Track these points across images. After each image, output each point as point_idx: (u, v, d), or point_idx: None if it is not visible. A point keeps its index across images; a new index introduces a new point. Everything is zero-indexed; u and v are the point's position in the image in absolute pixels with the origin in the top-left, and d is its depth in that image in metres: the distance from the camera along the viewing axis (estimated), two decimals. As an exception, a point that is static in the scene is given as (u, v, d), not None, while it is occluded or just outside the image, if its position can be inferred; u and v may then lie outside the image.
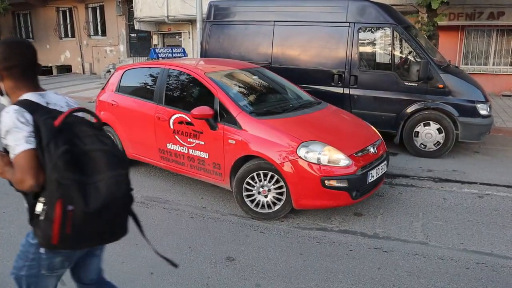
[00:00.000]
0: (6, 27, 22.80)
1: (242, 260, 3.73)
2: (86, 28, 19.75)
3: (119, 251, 3.90)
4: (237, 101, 4.79)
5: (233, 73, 5.76)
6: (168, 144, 5.28)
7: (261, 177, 4.44)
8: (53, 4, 20.33)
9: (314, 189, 4.21)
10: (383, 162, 4.73)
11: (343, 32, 6.92)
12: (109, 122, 6.00)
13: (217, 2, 8.43)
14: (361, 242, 4.04)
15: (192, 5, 13.41)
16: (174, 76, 5.50)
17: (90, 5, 19.54)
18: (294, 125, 4.65)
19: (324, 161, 4.20)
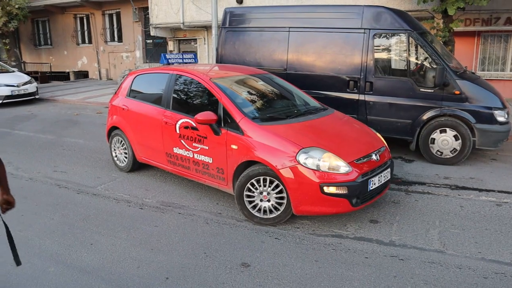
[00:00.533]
0: (25, 33, 23.28)
1: (257, 266, 3.75)
2: (103, 35, 20.04)
3: (134, 256, 3.95)
4: (241, 107, 4.84)
5: (240, 79, 5.80)
6: (174, 148, 5.41)
7: (262, 183, 4.48)
8: (71, 11, 20.69)
9: (313, 195, 4.20)
10: (386, 170, 4.69)
11: (358, 38, 6.92)
12: (120, 126, 6.29)
13: (232, 9, 8.50)
14: (377, 249, 4.02)
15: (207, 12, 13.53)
16: (181, 81, 5.59)
17: (107, 12, 19.84)
18: (296, 132, 4.65)
19: (323, 167, 4.20)
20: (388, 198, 5.26)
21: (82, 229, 4.53)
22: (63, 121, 10.84)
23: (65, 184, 5.96)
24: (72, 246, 4.15)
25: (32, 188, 5.85)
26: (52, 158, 7.29)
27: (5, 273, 3.68)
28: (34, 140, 8.76)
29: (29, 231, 4.52)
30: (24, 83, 13.85)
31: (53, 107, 13.32)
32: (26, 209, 5.10)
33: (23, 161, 7.17)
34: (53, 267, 3.77)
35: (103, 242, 4.22)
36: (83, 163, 6.94)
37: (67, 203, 5.26)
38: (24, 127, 10.11)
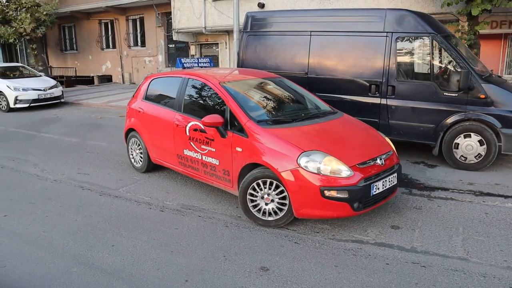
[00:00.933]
0: (52, 39, 23.87)
1: (277, 270, 3.73)
2: (126, 39, 20.39)
3: (154, 257, 3.99)
4: (246, 110, 4.90)
5: (250, 83, 5.90)
6: (184, 150, 5.55)
7: (265, 185, 4.51)
8: (96, 17, 21.13)
9: (313, 199, 4.19)
10: (392, 174, 4.63)
11: (380, 42, 6.84)
12: (136, 128, 6.54)
13: (254, 13, 8.53)
14: (398, 255, 3.95)
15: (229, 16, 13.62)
16: (192, 85, 5.71)
17: (130, 17, 20.18)
18: (300, 135, 4.64)
19: (324, 171, 4.19)
20: (410, 204, 5.17)
21: (104, 231, 4.60)
22: (87, 124, 11.06)
23: (88, 186, 6.07)
24: (94, 247, 4.22)
25: (57, 189, 5.98)
26: (76, 161, 7.44)
27: (30, 272, 3.77)
28: (59, 142, 8.96)
29: (53, 231, 4.61)
30: (50, 87, 14.19)
31: (78, 111, 13.60)
32: (50, 210, 5.22)
33: (49, 163, 7.34)
34: (76, 268, 3.84)
35: (124, 244, 4.28)
36: (105, 166, 7.06)
37: (90, 205, 5.36)
38: (49, 130, 10.35)
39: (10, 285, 3.58)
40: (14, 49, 26.60)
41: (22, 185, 6.17)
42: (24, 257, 4.06)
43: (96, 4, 19.25)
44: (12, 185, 6.20)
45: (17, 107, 13.44)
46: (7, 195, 5.78)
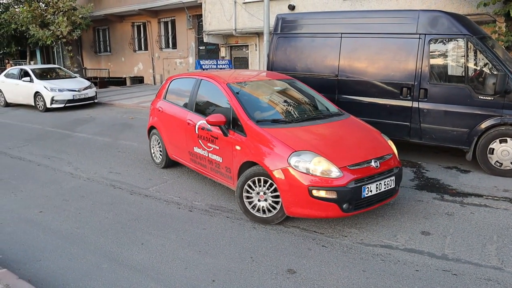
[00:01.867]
0: (87, 41, 24.56)
1: (304, 273, 3.71)
2: (158, 41, 20.75)
3: (182, 257, 4.04)
4: (248, 110, 5.06)
5: (258, 84, 6.07)
6: (194, 148, 5.83)
7: (260, 183, 4.65)
8: (129, 19, 21.59)
9: (302, 198, 4.27)
10: (389, 177, 4.59)
11: (413, 44, 6.71)
12: (156, 126, 6.91)
13: (284, 15, 8.53)
14: (428, 262, 3.86)
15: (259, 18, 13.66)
16: (204, 85, 5.96)
17: (162, 20, 20.52)
18: (295, 135, 4.73)
19: (313, 171, 4.26)
20: (442, 210, 5.05)
21: (134, 229, 4.69)
22: (119, 125, 11.31)
23: (119, 185, 6.21)
24: (124, 245, 4.31)
25: (89, 187, 6.14)
26: (108, 160, 7.62)
27: (63, 267, 3.89)
28: (92, 142, 9.20)
29: (86, 228, 4.74)
30: (84, 88, 14.61)
31: (110, 111, 13.93)
32: (83, 207, 5.36)
33: (82, 161, 7.55)
34: (106, 264, 3.93)
35: (153, 242, 4.35)
36: (136, 165, 7.20)
37: (121, 203, 5.48)
38: (83, 130, 10.64)
39: (44, 278, 3.70)
40: (51, 51, 27.53)
41: (57, 183, 6.37)
42: (57, 252, 4.19)
43: (129, 7, 19.68)
44: (47, 182, 6.41)
45: (53, 107, 13.89)
46: (43, 192, 5.98)
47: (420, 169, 6.69)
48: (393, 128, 6.95)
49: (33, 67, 15.50)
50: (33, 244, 4.38)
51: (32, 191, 6.02)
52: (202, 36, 16.77)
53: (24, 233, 4.64)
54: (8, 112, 14.38)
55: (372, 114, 7.10)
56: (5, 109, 15.16)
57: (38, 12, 18.60)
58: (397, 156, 5.00)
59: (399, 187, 5.03)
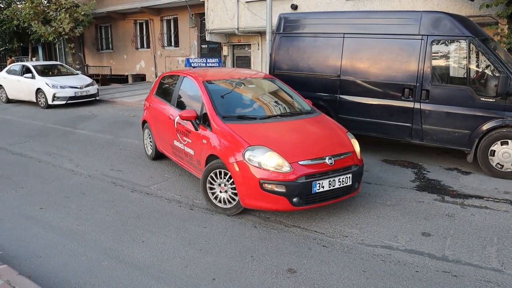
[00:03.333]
0: (89, 38, 24.56)
1: (304, 273, 3.72)
2: (160, 39, 20.74)
3: (183, 255, 4.04)
4: (216, 106, 5.32)
5: (235, 81, 6.22)
6: (174, 141, 6.11)
7: (221, 175, 4.89)
8: (132, 17, 21.58)
9: (254, 190, 4.49)
10: (345, 175, 4.70)
11: (415, 45, 6.71)
12: (147, 120, 7.32)
13: (287, 14, 8.53)
14: (428, 263, 3.87)
15: (262, 17, 13.66)
16: (185, 82, 6.26)
17: (165, 18, 20.51)
18: (255, 131, 4.96)
19: (265, 165, 4.47)
20: (442, 211, 5.05)
21: (134, 226, 4.70)
22: (120, 122, 11.32)
23: (121, 183, 6.21)
24: (124, 242, 4.32)
25: (90, 184, 6.15)
26: (109, 157, 7.62)
27: (63, 263, 3.89)
28: (93, 139, 9.21)
29: (86, 225, 4.75)
30: (86, 85, 14.61)
31: (112, 108, 13.94)
32: (84, 204, 5.37)
33: (83, 158, 7.55)
34: (107, 261, 3.94)
35: (154, 240, 4.36)
36: (137, 163, 7.20)
37: (122, 201, 5.49)
38: (85, 127, 10.65)
39: (45, 275, 3.71)
40: (53, 48, 27.54)
41: (58, 179, 6.38)
42: (58, 248, 4.19)
43: (131, 5, 19.66)
44: (48, 179, 6.42)
45: (55, 104, 13.90)
46: (44, 188, 5.99)
47: (421, 170, 6.69)
48: (394, 129, 6.96)
49: (35, 64, 15.51)
50: (34, 240, 4.39)
51: (33, 188, 6.03)
52: (205, 35, 16.76)
53: (24, 230, 4.65)
54: (9, 109, 14.39)
55: (373, 115, 7.11)
56: (7, 105, 15.17)
57: (40, 9, 18.60)
58: (359, 154, 5.10)
59: (359, 184, 5.11)
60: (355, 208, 5.16)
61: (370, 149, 7.96)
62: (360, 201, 5.39)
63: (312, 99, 7.72)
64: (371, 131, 7.29)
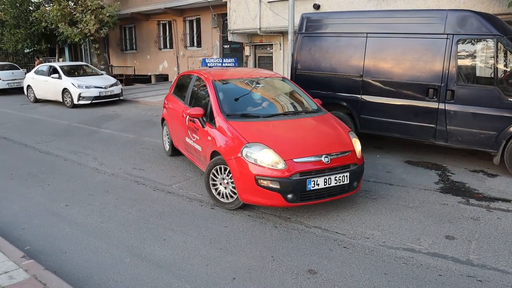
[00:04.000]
0: (113, 39, 24.97)
1: (324, 274, 3.70)
2: (183, 40, 20.93)
3: (204, 254, 4.07)
4: (222, 104, 5.50)
5: (243, 80, 6.39)
6: (186, 138, 6.34)
7: (222, 171, 5.07)
8: (155, 18, 21.85)
9: (250, 186, 4.65)
10: (341, 173, 4.76)
11: (440, 44, 6.58)
12: (165, 118, 7.62)
13: (309, 14, 8.49)
14: (452, 267, 3.79)
15: (284, 17, 13.63)
16: (197, 81, 6.48)
17: (187, 18, 20.69)
18: (255, 129, 5.09)
19: (261, 162, 4.61)
20: (467, 214, 4.94)
21: (156, 225, 4.76)
22: (143, 122, 11.47)
23: (143, 181, 6.30)
24: (146, 240, 4.37)
25: (114, 183, 6.26)
26: (132, 156, 7.74)
27: (87, 259, 3.97)
28: (117, 138, 9.37)
29: (109, 223, 4.83)
30: (110, 85, 14.87)
31: (135, 108, 14.14)
32: (107, 202, 5.47)
33: (107, 157, 7.69)
34: (129, 259, 4.00)
35: (175, 239, 4.40)
36: (159, 162, 7.29)
37: (144, 199, 5.56)
38: (109, 126, 10.84)
39: (69, 270, 3.79)
40: (79, 49, 28.12)
41: (83, 177, 6.51)
42: (82, 245, 4.28)
43: (155, 6, 19.90)
44: (73, 177, 6.56)
45: (80, 104, 14.19)
46: (69, 186, 6.12)
47: (445, 172, 6.57)
48: (418, 130, 6.85)
49: (62, 64, 15.87)
50: (59, 236, 4.49)
51: (59, 185, 6.17)
52: (227, 35, 16.83)
53: (50, 226, 4.77)
54: (37, 108, 14.77)
55: (396, 116, 7.01)
56: (35, 105, 15.57)
57: (67, 11, 19.03)
58: (359, 153, 5.12)
59: (359, 183, 5.13)
60: (377, 209, 5.11)
61: (392, 150, 7.87)
62: (382, 202, 5.32)
63: (334, 99, 7.72)
64: (394, 132, 7.19)
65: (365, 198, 5.47)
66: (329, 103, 7.87)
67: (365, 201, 5.37)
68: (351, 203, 5.29)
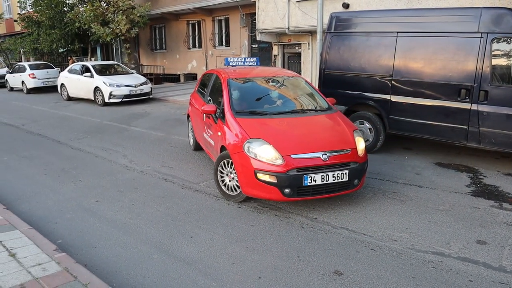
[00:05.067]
0: (144, 39, 25.40)
1: (351, 275, 3.66)
2: (212, 39, 21.09)
3: (230, 252, 4.10)
4: (233, 102, 5.73)
5: (258, 79, 6.58)
6: (203, 133, 6.66)
7: (228, 165, 5.31)
8: (184, 18, 22.09)
9: (251, 179, 4.86)
10: (339, 171, 4.85)
11: (473, 43, 6.40)
12: (190, 115, 8.00)
13: (338, 13, 8.41)
14: (483, 273, 3.69)
15: (313, 17, 13.56)
16: (216, 80, 6.66)
17: (216, 18, 20.84)
18: (260, 125, 5.28)
19: (260, 156, 4.80)
20: (500, 219, 4.80)
21: (183, 222, 4.82)
22: (172, 120, 11.63)
23: (171, 179, 6.39)
24: (174, 237, 4.44)
25: (143, 180, 6.37)
26: (161, 154, 7.86)
27: (116, 254, 4.06)
28: (146, 136, 9.53)
29: (138, 219, 4.93)
30: (140, 84, 15.14)
31: (164, 107, 14.35)
32: (136, 199, 5.57)
33: (136, 155, 7.84)
34: (157, 255, 4.07)
35: (202, 236, 4.45)
36: (187, 160, 7.38)
37: (172, 197, 5.64)
38: (138, 124, 11.04)
39: (99, 264, 3.89)
40: (110, 48, 28.71)
41: (112, 174, 6.66)
42: (112, 240, 4.38)
43: (184, 6, 20.12)
44: (103, 173, 6.71)
45: (111, 102, 14.51)
46: (100, 182, 6.27)
47: (477, 174, 6.39)
48: (449, 131, 6.68)
49: (94, 63, 16.27)
50: (90, 231, 4.61)
51: (90, 181, 6.33)
52: (255, 34, 16.85)
53: (81, 221, 4.90)
54: (70, 106, 15.19)
55: (427, 117, 6.86)
56: (68, 103, 16.02)
57: (99, 11, 19.47)
58: (361, 152, 5.16)
59: (360, 181, 5.17)
60: (406, 212, 5.02)
61: (422, 151, 7.71)
62: (411, 205, 5.23)
63: (363, 99, 7.63)
64: (424, 133, 7.04)
65: (393, 200, 5.39)
66: (358, 103, 7.79)
67: (393, 203, 5.29)
68: (378, 205, 5.22)
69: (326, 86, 8.16)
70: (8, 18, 33.53)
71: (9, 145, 8.92)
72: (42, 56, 29.53)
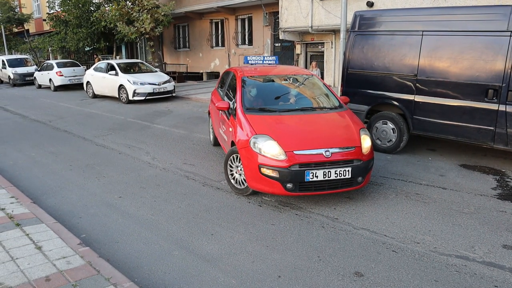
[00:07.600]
0: (168, 37, 25.66)
1: (371, 277, 3.62)
2: (234, 38, 21.15)
3: (250, 250, 4.11)
4: (244, 99, 5.92)
5: (272, 77, 6.77)
6: (219, 129, 6.91)
7: (237, 159, 5.48)
8: (208, 16, 22.23)
9: (255, 173, 5.05)
10: (342, 168, 4.92)
11: (502, 42, 6.24)
12: (210, 111, 8.19)
13: (362, 12, 8.31)
14: (509, 279, 3.59)
15: (336, 15, 13.45)
16: (233, 78, 6.81)
17: (239, 17, 20.89)
18: (267, 122, 5.40)
19: (264, 152, 4.97)
20: (528, 223, 4.67)
21: (204, 219, 4.85)
22: (194, 118, 11.72)
23: (193, 176, 6.44)
24: (194, 234, 4.47)
25: (165, 177, 6.44)
26: (183, 151, 7.93)
27: (138, 250, 4.12)
28: (168, 133, 9.63)
29: (160, 215, 4.99)
30: (164, 82, 15.31)
31: (187, 105, 14.47)
32: (158, 196, 5.64)
33: (159, 152, 7.93)
34: (177, 251, 4.11)
35: (223, 234, 4.47)
36: (209, 158, 7.42)
37: (194, 194, 5.69)
38: (161, 122, 11.17)
39: (121, 259, 3.95)
40: (135, 47, 29.12)
41: (135, 171, 6.76)
42: (134, 236, 4.45)
43: (208, 5, 20.25)
44: (127, 170, 6.82)
45: (134, 99, 14.72)
46: (123, 178, 6.37)
47: (504, 177, 6.23)
48: (475, 133, 6.53)
49: (119, 62, 16.53)
50: (112, 226, 4.69)
51: (113, 177, 6.44)
52: (278, 33, 16.83)
53: (105, 216, 4.99)
54: (95, 103, 15.48)
55: (452, 117, 6.72)
56: (93, 100, 16.33)
57: (125, 10, 19.76)
58: (366, 150, 5.20)
59: (365, 178, 5.20)
60: (429, 214, 4.93)
61: (447, 152, 7.57)
62: (435, 207, 5.14)
63: (386, 99, 7.53)
64: (449, 134, 6.90)
65: (416, 202, 5.30)
66: (381, 103, 7.69)
67: (416, 205, 5.20)
68: (401, 206, 5.15)
69: (349, 85, 8.08)
70: (37, 17, 34.44)
71: (37, 141, 9.15)
72: (69, 54, 30.21)
